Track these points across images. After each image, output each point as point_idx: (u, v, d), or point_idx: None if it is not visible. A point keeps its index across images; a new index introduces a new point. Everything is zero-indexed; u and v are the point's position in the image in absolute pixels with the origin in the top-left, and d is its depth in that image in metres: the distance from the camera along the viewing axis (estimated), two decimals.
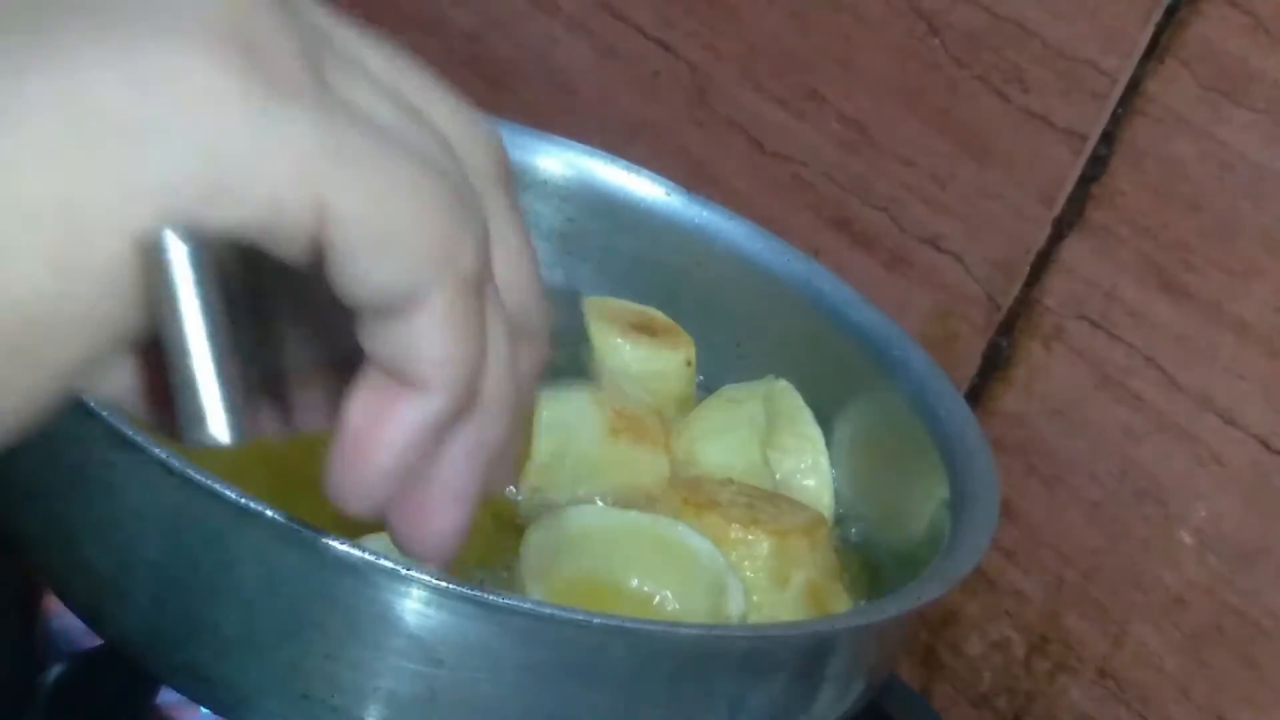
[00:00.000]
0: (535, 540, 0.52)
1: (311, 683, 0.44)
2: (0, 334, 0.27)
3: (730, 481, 0.57)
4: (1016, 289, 0.65)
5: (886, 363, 0.60)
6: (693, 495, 0.55)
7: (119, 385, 0.32)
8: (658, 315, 0.63)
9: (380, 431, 0.30)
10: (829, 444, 0.61)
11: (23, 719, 0.50)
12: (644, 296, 0.65)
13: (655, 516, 0.55)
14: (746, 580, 0.53)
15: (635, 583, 0.54)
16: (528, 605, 0.45)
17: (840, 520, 0.60)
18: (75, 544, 0.46)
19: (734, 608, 0.53)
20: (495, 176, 0.32)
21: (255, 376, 0.35)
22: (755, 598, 0.53)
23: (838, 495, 0.61)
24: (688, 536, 0.54)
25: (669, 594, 0.54)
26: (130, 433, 0.43)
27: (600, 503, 0.55)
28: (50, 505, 0.47)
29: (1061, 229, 0.64)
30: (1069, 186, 0.63)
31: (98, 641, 0.49)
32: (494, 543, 0.54)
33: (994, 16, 0.65)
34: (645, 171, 0.65)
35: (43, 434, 0.46)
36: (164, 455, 0.43)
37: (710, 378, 0.64)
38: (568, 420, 0.56)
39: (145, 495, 0.44)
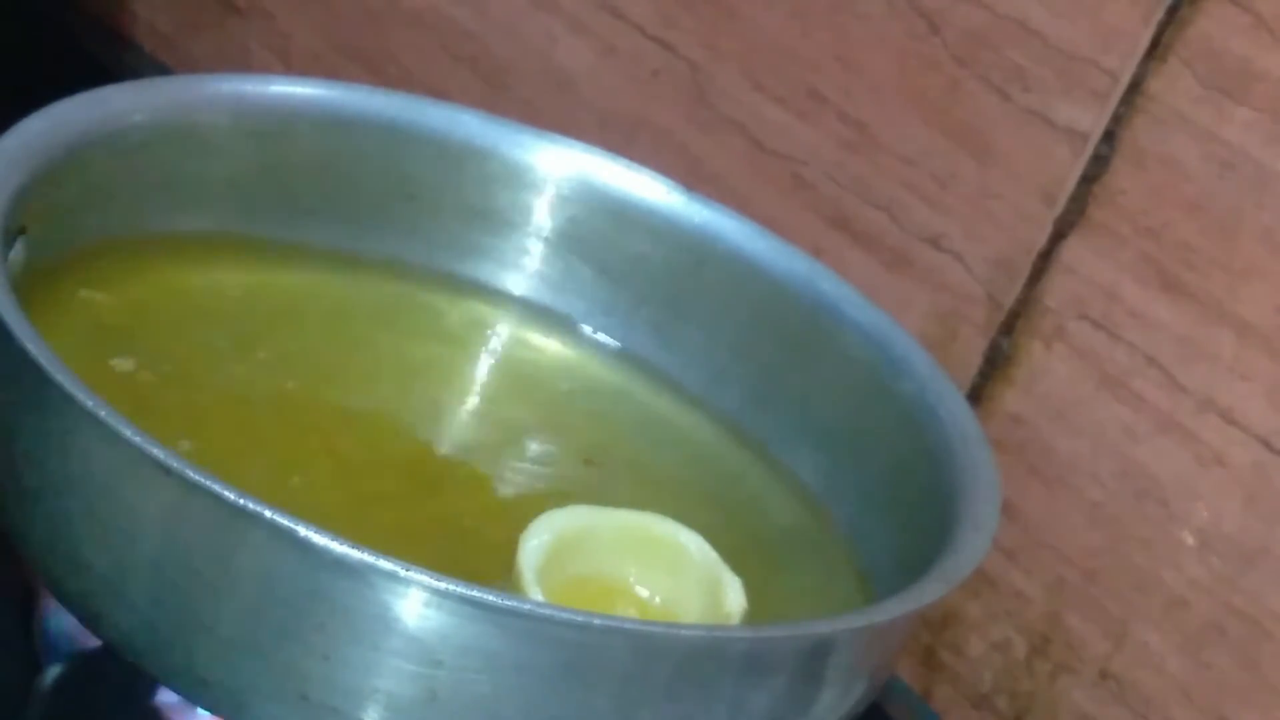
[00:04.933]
0: (533, 540, 0.52)
1: (310, 684, 0.44)
2: None
3: None
4: (1018, 289, 0.65)
5: (887, 362, 0.60)
6: None
7: None
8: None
9: None
10: (828, 445, 0.61)
11: None
12: (644, 296, 0.65)
13: (648, 514, 0.55)
14: None
15: (633, 581, 0.54)
16: (528, 606, 0.45)
17: (840, 521, 0.60)
18: (73, 544, 0.46)
19: (732, 604, 0.53)
20: None
21: None
22: None
23: (838, 495, 0.61)
24: (680, 534, 0.54)
25: (667, 592, 0.54)
26: (128, 432, 0.43)
27: None
28: (48, 505, 0.47)
29: (1063, 228, 0.63)
30: (1070, 186, 0.63)
31: (95, 643, 0.48)
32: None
33: (995, 15, 0.64)
34: (645, 170, 0.65)
35: (41, 434, 0.46)
36: (162, 455, 0.43)
37: (709, 378, 0.64)
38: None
39: (143, 495, 0.44)
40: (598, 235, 0.65)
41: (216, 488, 0.42)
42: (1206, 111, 0.59)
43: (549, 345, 0.65)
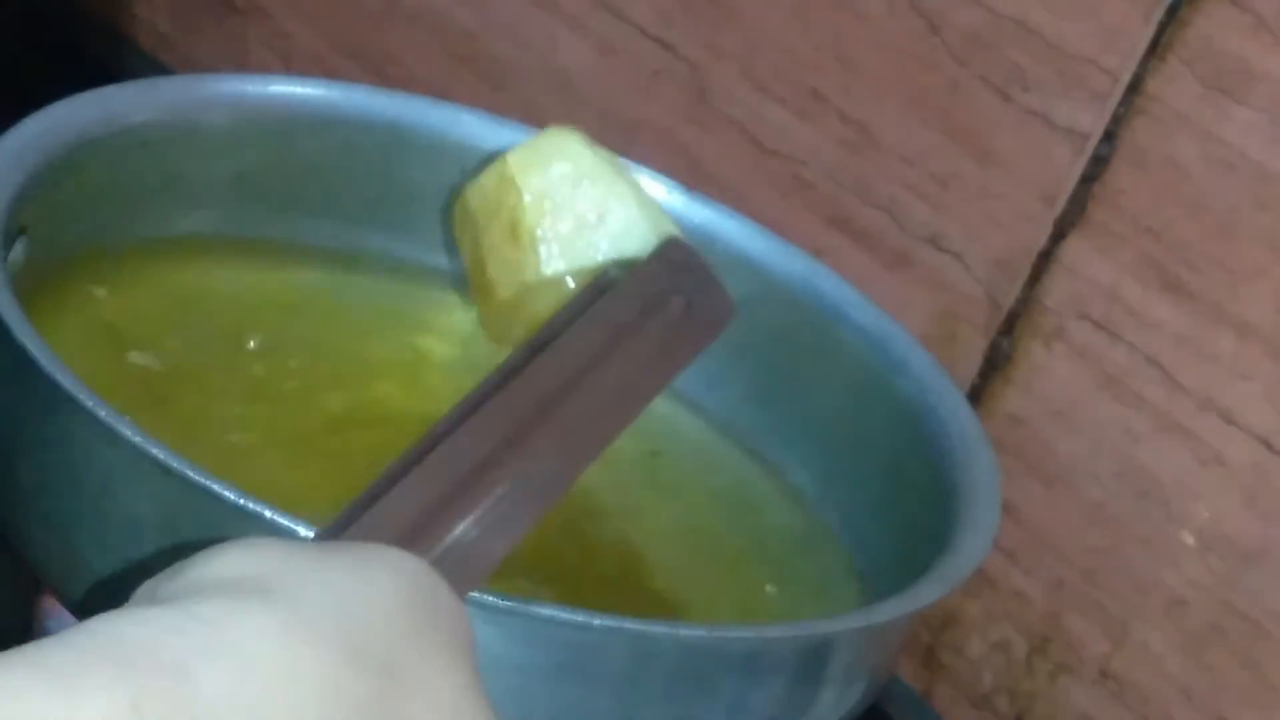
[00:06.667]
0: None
1: None
2: None
3: None
4: (1017, 289, 0.65)
5: (887, 362, 0.60)
6: None
7: None
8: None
9: None
10: (828, 445, 0.61)
11: None
12: None
13: None
14: None
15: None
16: (527, 606, 0.45)
17: (839, 521, 0.60)
18: (73, 544, 0.46)
19: None
20: None
21: None
22: None
23: (838, 495, 0.61)
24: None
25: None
26: (128, 432, 0.43)
27: None
28: (49, 505, 0.47)
29: (1062, 228, 0.63)
30: (1070, 186, 0.63)
31: None
32: None
33: (995, 15, 0.64)
34: (645, 170, 0.65)
35: (41, 433, 0.46)
36: (162, 455, 0.43)
37: (709, 378, 0.64)
38: None
39: (143, 495, 0.44)
40: None
41: (216, 488, 0.42)
42: (1206, 111, 0.59)
43: None
